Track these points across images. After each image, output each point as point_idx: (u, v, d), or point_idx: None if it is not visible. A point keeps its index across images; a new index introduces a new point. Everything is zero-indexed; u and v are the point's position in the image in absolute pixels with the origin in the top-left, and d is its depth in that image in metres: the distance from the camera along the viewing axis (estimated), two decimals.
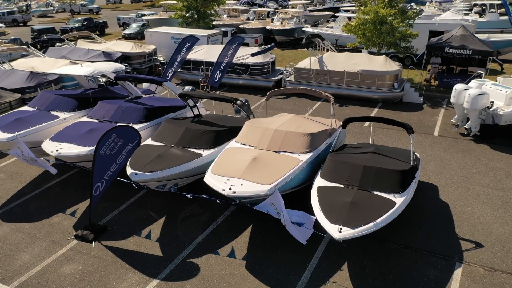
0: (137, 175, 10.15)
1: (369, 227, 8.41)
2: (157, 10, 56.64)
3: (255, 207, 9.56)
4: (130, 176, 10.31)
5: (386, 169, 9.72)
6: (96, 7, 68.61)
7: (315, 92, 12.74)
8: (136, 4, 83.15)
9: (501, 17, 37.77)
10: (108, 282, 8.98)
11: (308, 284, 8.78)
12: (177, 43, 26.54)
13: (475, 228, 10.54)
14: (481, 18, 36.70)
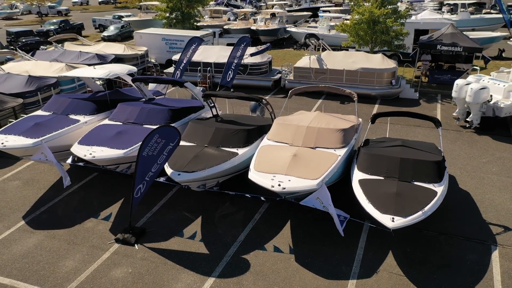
0: (180, 175, 10.17)
1: (418, 215, 8.84)
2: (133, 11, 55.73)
3: (301, 202, 9.82)
4: (171, 176, 10.31)
5: (423, 161, 10.20)
6: (65, 9, 66.65)
7: (338, 89, 13.13)
8: (105, 6, 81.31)
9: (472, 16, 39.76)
10: (162, 283, 8.97)
11: (361, 274, 9.11)
12: (168, 44, 26.58)
13: (499, 213, 11.22)
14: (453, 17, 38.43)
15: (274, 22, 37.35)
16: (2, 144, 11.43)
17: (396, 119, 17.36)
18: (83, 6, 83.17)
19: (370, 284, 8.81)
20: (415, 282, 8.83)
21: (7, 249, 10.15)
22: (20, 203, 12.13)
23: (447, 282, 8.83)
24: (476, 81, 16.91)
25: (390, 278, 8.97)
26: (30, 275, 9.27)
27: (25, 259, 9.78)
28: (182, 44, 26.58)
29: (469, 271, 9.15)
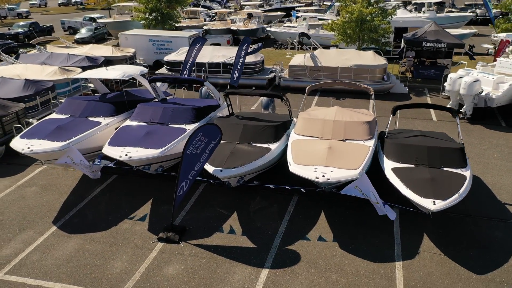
0: (222, 172, 10.37)
1: (456, 198, 9.53)
2: (102, 13, 54.34)
3: (341, 192, 10.27)
4: (214, 173, 10.48)
5: (448, 148, 10.95)
6: (26, 11, 64.04)
7: (354, 84, 13.74)
8: (65, 8, 78.72)
9: (437, 14, 41.92)
10: (219, 277, 9.15)
11: (404, 256, 9.67)
12: (155, 45, 26.38)
13: (511, 194, 12.18)
14: (420, 15, 40.38)
15: (253, 22, 37.78)
16: (28, 149, 11.15)
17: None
18: (42, 8, 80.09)
19: (415, 265, 9.40)
20: (455, 260, 9.50)
21: (48, 254, 9.96)
22: (45, 208, 11.85)
23: (483, 258, 9.57)
24: (466, 74, 18.07)
25: (432, 258, 9.60)
26: (81, 278, 9.17)
27: (70, 263, 9.64)
28: (170, 45, 26.58)
29: (500, 247, 9.94)
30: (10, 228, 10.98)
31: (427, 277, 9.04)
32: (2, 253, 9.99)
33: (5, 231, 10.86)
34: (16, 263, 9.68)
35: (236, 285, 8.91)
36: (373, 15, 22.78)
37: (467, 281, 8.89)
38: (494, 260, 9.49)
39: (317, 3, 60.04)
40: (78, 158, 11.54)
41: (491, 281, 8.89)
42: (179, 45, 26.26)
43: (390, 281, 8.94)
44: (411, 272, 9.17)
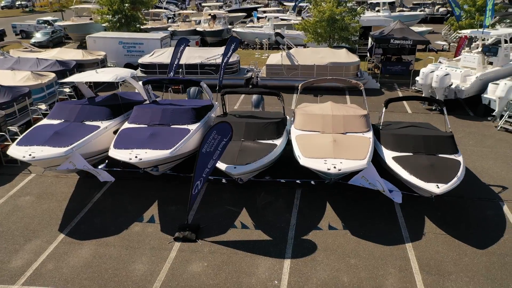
0: (236, 169, 10.59)
1: (455, 181, 10.35)
2: (52, 15, 52.08)
3: (349, 182, 10.82)
4: (227, 170, 10.67)
5: (441, 136, 11.82)
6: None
7: (344, 80, 14.40)
8: (9, 10, 74.74)
9: (392, 13, 44.08)
10: (244, 270, 9.38)
11: (412, 238, 10.37)
12: (126, 47, 25.94)
13: (492, 176, 13.31)
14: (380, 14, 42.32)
15: (218, 23, 37.91)
16: (30, 156, 10.76)
17: (374, 107, 19.13)
18: None
19: (423, 245, 10.12)
20: (457, 238, 10.32)
21: (63, 262, 9.73)
22: (46, 217, 11.48)
23: (481, 235, 10.45)
24: (436, 68, 19.34)
25: (437, 238, 10.37)
26: (105, 283, 9.07)
27: (89, 269, 9.48)
28: (142, 47, 26.24)
29: (494, 224, 10.90)
30: (14, 239, 10.58)
31: (436, 255, 9.77)
32: (13, 265, 9.64)
33: (9, 242, 10.45)
34: (31, 273, 9.38)
35: (263, 276, 9.19)
36: (343, 15, 23.73)
37: (471, 256, 9.70)
38: (491, 236, 10.40)
39: (275, 3, 61.07)
40: (81, 164, 11.33)
41: (492, 254, 9.76)
42: (150, 47, 25.96)
43: (405, 261, 9.57)
44: (421, 252, 9.87)
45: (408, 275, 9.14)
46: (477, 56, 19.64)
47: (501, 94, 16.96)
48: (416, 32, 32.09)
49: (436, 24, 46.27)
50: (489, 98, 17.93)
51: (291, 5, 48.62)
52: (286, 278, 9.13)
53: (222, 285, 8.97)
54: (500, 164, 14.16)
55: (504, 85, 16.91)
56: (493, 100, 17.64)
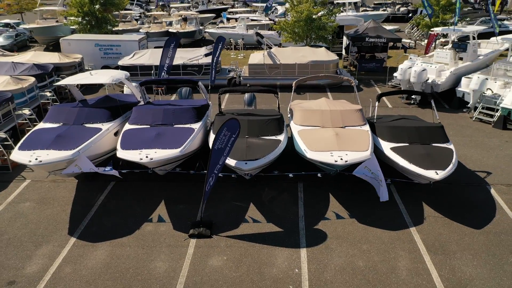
0: (247, 164, 10.89)
1: (451, 167, 11.13)
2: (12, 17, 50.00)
3: (353, 173, 11.39)
4: (238, 165, 10.94)
5: (432, 127, 12.62)
6: None
7: (337, 77, 15.01)
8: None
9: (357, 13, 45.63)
10: (264, 261, 9.70)
11: (415, 222, 11.05)
12: (103, 50, 25.54)
13: (475, 163, 14.31)
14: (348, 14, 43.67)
15: (190, 24, 37.87)
16: (36, 160, 10.58)
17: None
18: None
19: (426, 227, 10.82)
20: (455, 220, 11.11)
21: (80, 265, 9.68)
22: (52, 222, 11.31)
23: (476, 216, 11.29)
24: (412, 65, 20.39)
25: (437, 221, 11.11)
26: (129, 282, 9.13)
27: (109, 270, 9.50)
28: (119, 49, 25.90)
29: (485, 206, 11.79)
30: (23, 245, 10.38)
31: (439, 236, 10.49)
32: (29, 271, 9.49)
33: (19, 249, 10.25)
34: (49, 278, 9.29)
35: (283, 266, 9.55)
36: (320, 14, 24.48)
37: (471, 235, 10.50)
38: (485, 217, 11.27)
39: (240, 4, 61.55)
40: (87, 166, 11.26)
41: (489, 233, 10.60)
42: (128, 49, 25.67)
43: (412, 244, 10.22)
44: (425, 235, 10.56)
45: (417, 256, 9.78)
46: (449, 52, 20.88)
47: (475, 87, 18.16)
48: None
49: (398, 23, 48.25)
50: (463, 91, 19.14)
51: (259, 5, 49.24)
52: (306, 266, 9.54)
53: (245, 276, 9.26)
54: (481, 151, 15.22)
55: (477, 79, 18.13)
56: (467, 93, 18.85)
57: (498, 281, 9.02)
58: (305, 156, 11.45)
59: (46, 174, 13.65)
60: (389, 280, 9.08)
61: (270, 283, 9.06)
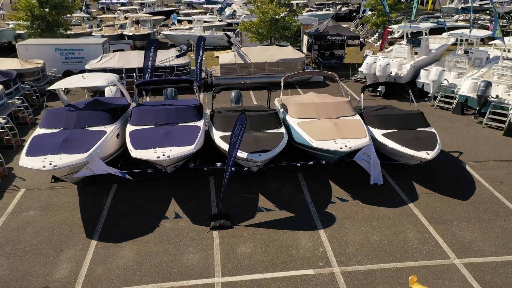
0: (261, 156, 11.49)
1: (439, 148, 12.50)
2: None
3: (354, 158, 12.42)
4: (252, 157, 11.50)
5: (414, 113, 14.00)
6: None
7: (321, 72, 16.00)
8: None
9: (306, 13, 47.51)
10: (288, 244, 10.37)
11: (410, 198, 12.27)
12: (64, 54, 24.79)
13: (448, 145, 15.97)
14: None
15: (144, 26, 37.41)
16: (50, 165, 10.41)
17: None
18: None
19: (421, 202, 12.08)
20: (445, 195, 12.48)
21: (111, 264, 9.76)
22: (66, 228, 11.15)
23: (461, 190, 12.76)
24: (376, 59, 22.02)
25: (429, 196, 12.44)
26: (167, 275, 9.39)
27: (143, 267, 9.68)
28: (82, 53, 25.24)
29: (465, 180, 13.34)
30: (43, 252, 10.21)
31: (435, 209, 11.79)
32: (59, 275, 9.42)
33: (40, 256, 10.07)
34: (83, 280, 9.29)
35: (307, 246, 10.30)
36: (284, 14, 25.53)
37: (461, 206, 11.91)
38: (468, 189, 12.79)
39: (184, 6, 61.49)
40: (100, 168, 11.26)
41: (474, 203, 12.08)
42: (91, 53, 25.03)
43: (414, 217, 11.41)
44: (423, 209, 11.81)
45: (422, 228, 10.97)
46: (406, 47, 22.79)
47: (434, 78, 20.07)
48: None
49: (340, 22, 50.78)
50: (422, 82, 21.04)
51: (210, 7, 49.58)
52: (328, 245, 10.35)
53: (276, 259, 9.88)
54: (448, 134, 16.99)
55: (436, 70, 20.05)
56: (427, 83, 20.75)
57: (493, 241, 10.42)
58: (310, 145, 12.26)
59: (40, 182, 13.36)
60: (404, 249, 10.15)
61: (301, 262, 9.76)
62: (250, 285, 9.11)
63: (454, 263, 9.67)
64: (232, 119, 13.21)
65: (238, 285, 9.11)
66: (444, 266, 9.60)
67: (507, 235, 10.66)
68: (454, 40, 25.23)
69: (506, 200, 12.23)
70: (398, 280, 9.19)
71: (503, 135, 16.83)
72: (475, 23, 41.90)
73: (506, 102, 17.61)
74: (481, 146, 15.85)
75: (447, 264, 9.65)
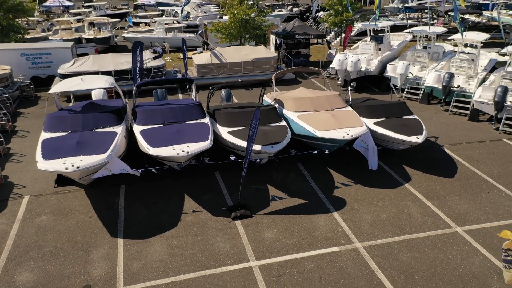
0: (273, 147, 12.19)
1: (426, 132, 13.86)
2: None
3: (353, 146, 13.47)
4: (265, 149, 12.16)
5: (400, 103, 15.34)
6: None
7: (308, 68, 16.94)
8: None
9: None
10: (309, 226, 11.17)
11: (404, 179, 13.55)
12: (30, 59, 24.01)
13: None
14: None
15: (104, 29, 36.60)
16: (73, 167, 10.43)
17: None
18: None
19: (415, 182, 13.38)
20: (432, 174, 13.89)
21: (145, 259, 10.02)
22: (87, 229, 11.19)
23: (446, 169, 14.24)
24: (345, 57, 23.43)
25: (420, 177, 13.78)
26: (204, 263, 9.83)
27: (178, 258, 10.04)
28: (49, 57, 24.51)
29: (446, 161, 14.88)
30: (72, 254, 10.24)
31: (428, 187, 13.12)
32: (96, 274, 9.56)
33: (69, 257, 10.10)
34: (122, 275, 9.51)
35: (327, 227, 11.16)
36: (254, 15, 26.32)
37: (449, 183, 13.35)
38: (451, 168, 14.31)
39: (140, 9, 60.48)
40: (118, 168, 11.41)
41: (459, 179, 13.58)
42: (60, 57, 24.30)
43: (413, 196, 12.66)
44: (418, 187, 13.11)
45: (421, 204, 12.23)
46: (371, 44, 24.45)
47: (401, 71, 21.78)
48: None
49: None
50: (390, 76, 22.69)
51: (165, 9, 49.23)
52: (345, 224, 11.28)
53: (302, 241, 10.65)
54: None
55: (402, 64, 21.77)
56: (394, 77, 22.44)
57: (483, 210, 11.89)
58: (315, 136, 13.13)
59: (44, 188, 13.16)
60: (412, 223, 11.32)
61: (325, 241, 10.60)
62: (285, 265, 9.80)
63: (457, 231, 10.97)
64: (236, 115, 13.79)
65: (274, 267, 9.76)
66: (449, 234, 10.86)
67: (494, 204, 12.18)
68: (411, 37, 27.35)
69: (485, 175, 13.86)
70: (414, 249, 10.30)
71: (468, 120, 18.76)
72: (419, 21, 45.25)
73: (467, 91, 19.61)
74: (452, 131, 17.60)
75: (451, 232, 10.92)
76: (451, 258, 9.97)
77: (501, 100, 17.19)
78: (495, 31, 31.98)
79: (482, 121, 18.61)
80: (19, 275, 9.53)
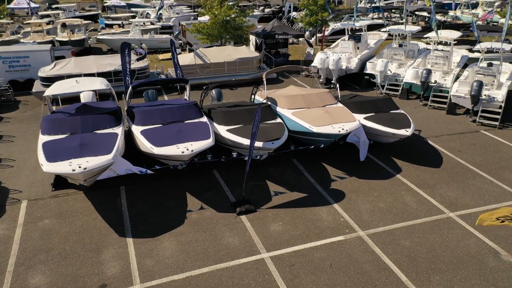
0: (274, 144, 12.56)
1: (413, 125, 14.61)
2: None
3: (347, 140, 14.03)
4: (266, 145, 12.50)
5: (386, 99, 16.05)
6: None
7: (296, 67, 17.43)
8: None
9: None
10: (312, 218, 11.61)
11: (396, 170, 14.24)
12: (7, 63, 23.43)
13: None
14: None
15: (78, 31, 35.92)
16: (80, 168, 10.43)
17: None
18: None
19: (406, 173, 14.10)
20: (421, 165, 14.65)
21: (158, 256, 10.17)
22: (94, 230, 11.19)
23: (432, 160, 15.05)
24: (327, 55, 24.12)
25: (409, 168, 14.51)
26: (216, 258, 10.08)
27: (190, 254, 10.24)
28: (27, 60, 23.93)
29: (432, 152, 15.71)
30: (82, 255, 10.25)
31: (418, 177, 13.86)
32: (111, 273, 9.64)
33: (80, 259, 10.12)
34: (138, 273, 9.63)
35: (330, 219, 11.64)
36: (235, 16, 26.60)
37: (437, 173, 14.14)
38: (437, 159, 15.14)
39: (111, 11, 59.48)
40: (123, 168, 11.47)
41: (446, 169, 14.41)
42: (39, 60, 23.75)
43: (405, 185, 13.35)
44: (409, 178, 13.82)
45: (415, 192, 12.93)
46: (350, 43, 25.25)
47: (381, 68, 22.64)
48: None
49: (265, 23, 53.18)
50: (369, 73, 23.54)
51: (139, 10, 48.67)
52: (346, 215, 11.80)
53: (308, 231, 11.08)
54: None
55: (381, 62, 22.64)
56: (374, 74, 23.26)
57: (471, 195, 12.71)
58: (311, 131, 13.60)
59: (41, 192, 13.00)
60: (408, 211, 11.97)
61: (330, 231, 11.07)
62: (296, 255, 10.20)
63: (450, 216, 11.70)
64: (234, 113, 14.06)
65: (285, 257, 10.14)
66: (444, 219, 11.57)
67: (480, 191, 13.03)
68: (387, 36, 28.40)
69: (469, 164, 14.75)
70: (413, 234, 10.93)
71: (446, 113, 19.79)
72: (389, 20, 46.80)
73: (444, 86, 20.67)
74: (433, 124, 18.54)
75: (445, 218, 11.64)
76: (449, 241, 10.66)
77: (477, 94, 18.26)
78: (463, 29, 33.63)
79: (460, 114, 19.68)
80: (31, 278, 9.47)
